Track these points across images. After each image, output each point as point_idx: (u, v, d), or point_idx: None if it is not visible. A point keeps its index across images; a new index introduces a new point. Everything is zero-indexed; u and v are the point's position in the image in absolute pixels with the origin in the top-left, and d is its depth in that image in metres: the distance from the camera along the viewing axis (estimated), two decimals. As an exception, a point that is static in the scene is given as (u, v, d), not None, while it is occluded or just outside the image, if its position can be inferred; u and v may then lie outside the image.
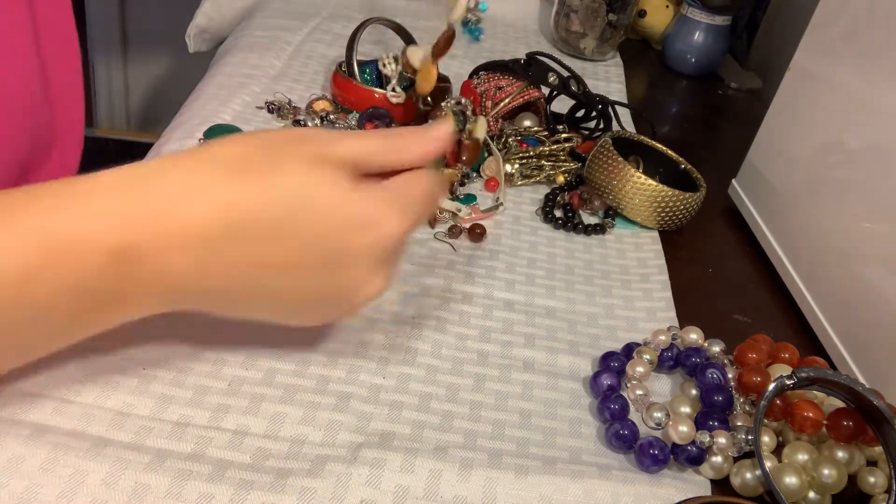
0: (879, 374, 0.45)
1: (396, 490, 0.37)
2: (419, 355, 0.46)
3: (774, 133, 0.61)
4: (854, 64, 0.52)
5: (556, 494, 0.38)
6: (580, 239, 0.60)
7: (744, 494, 0.41)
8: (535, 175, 0.66)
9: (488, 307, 0.51)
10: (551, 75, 0.67)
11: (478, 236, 0.57)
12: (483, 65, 0.71)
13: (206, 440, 0.38)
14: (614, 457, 0.42)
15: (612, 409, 0.43)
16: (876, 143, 0.48)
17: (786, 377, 0.40)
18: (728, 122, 0.87)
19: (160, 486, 0.35)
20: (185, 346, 0.44)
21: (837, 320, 0.50)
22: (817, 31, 0.57)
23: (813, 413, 0.41)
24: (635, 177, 0.60)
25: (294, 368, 0.44)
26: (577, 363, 0.48)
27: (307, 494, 0.36)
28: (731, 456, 0.41)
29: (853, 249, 0.49)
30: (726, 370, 0.45)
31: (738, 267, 0.61)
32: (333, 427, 0.40)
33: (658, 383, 0.48)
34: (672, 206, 0.60)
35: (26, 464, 0.35)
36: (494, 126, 0.67)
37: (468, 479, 0.38)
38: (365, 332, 0.47)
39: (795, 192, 0.57)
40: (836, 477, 0.39)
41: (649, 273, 0.57)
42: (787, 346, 0.46)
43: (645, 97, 0.90)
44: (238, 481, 0.36)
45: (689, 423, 0.41)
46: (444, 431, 0.41)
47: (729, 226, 0.66)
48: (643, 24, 0.98)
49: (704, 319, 0.51)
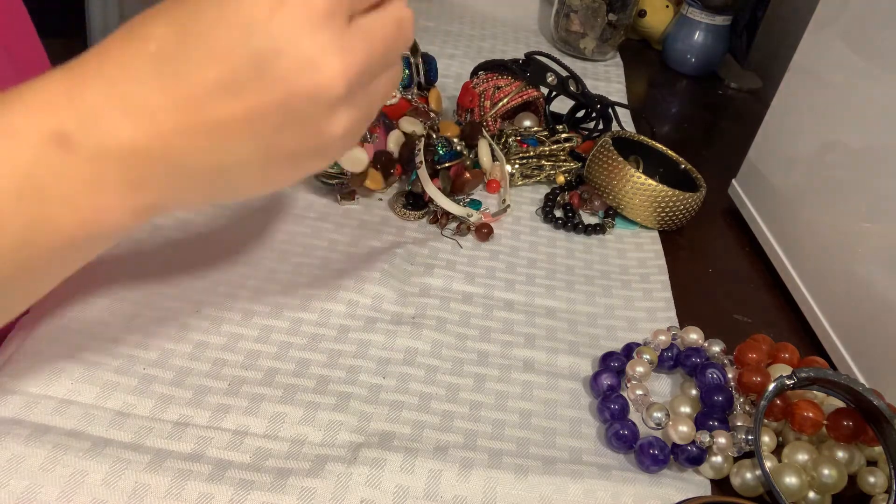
0: (879, 374, 0.45)
1: (396, 490, 0.37)
2: (419, 355, 0.46)
3: (774, 133, 0.61)
4: (854, 64, 0.52)
5: (556, 494, 0.38)
6: (580, 239, 0.60)
7: (744, 494, 0.41)
8: (535, 175, 0.66)
9: (488, 307, 0.51)
10: (550, 75, 0.67)
11: (484, 235, 0.57)
12: (482, 64, 0.71)
13: (206, 440, 0.38)
14: (614, 457, 0.42)
15: (612, 409, 0.43)
16: (876, 143, 0.48)
17: (786, 377, 0.40)
18: (728, 122, 0.87)
19: (160, 486, 0.35)
20: (185, 346, 0.44)
21: (837, 320, 0.50)
22: (817, 31, 0.57)
23: (813, 413, 0.41)
24: (635, 177, 0.60)
25: (294, 368, 0.44)
26: (577, 363, 0.48)
27: (307, 494, 0.36)
28: (731, 456, 0.41)
29: (853, 249, 0.49)
30: (726, 370, 0.45)
31: (738, 267, 0.61)
32: (333, 427, 0.40)
33: (658, 383, 0.48)
34: (672, 206, 0.60)
35: (26, 464, 0.35)
36: (494, 126, 0.67)
37: (468, 479, 0.38)
38: (365, 332, 0.47)
39: (795, 192, 0.57)
40: (836, 477, 0.39)
41: (649, 273, 0.57)
42: (787, 346, 0.46)
43: (645, 97, 0.90)
44: (238, 481, 0.36)
45: (689, 423, 0.41)
46: (444, 431, 0.41)
47: (729, 226, 0.66)
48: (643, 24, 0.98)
49: (704, 319, 0.51)
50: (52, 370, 0.40)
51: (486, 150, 0.63)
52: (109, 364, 0.41)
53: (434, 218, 0.58)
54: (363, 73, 0.32)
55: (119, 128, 0.30)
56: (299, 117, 0.31)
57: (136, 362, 0.42)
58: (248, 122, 0.31)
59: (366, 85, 0.33)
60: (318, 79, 0.30)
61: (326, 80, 0.30)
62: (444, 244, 0.56)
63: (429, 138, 0.61)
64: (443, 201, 0.56)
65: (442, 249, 0.56)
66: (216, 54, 0.30)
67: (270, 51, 0.29)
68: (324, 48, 0.30)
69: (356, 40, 0.31)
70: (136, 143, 0.30)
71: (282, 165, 0.34)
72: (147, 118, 0.30)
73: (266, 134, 0.32)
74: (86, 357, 0.41)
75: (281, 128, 0.31)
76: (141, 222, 0.33)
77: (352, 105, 0.32)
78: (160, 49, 0.30)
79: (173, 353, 0.43)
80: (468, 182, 0.60)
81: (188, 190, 0.33)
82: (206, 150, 0.31)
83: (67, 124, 0.30)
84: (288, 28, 0.29)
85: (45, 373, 0.40)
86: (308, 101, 0.31)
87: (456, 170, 0.61)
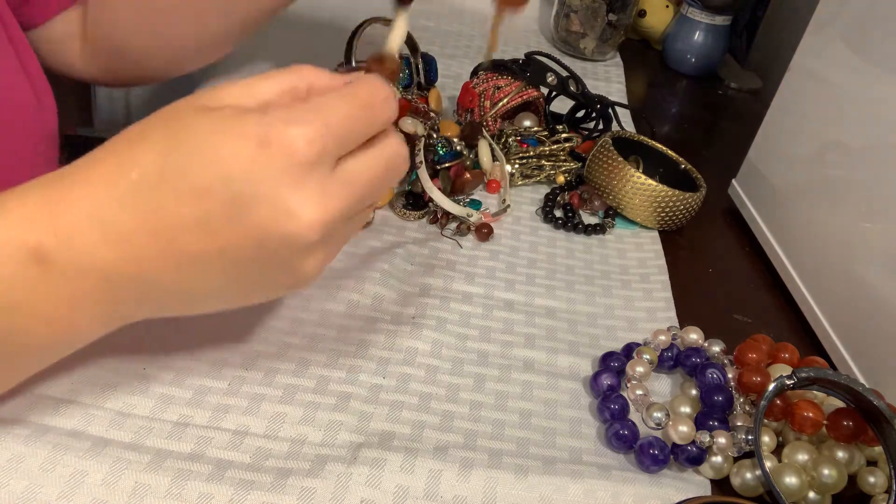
0: (879, 374, 0.45)
1: (396, 490, 0.37)
2: (419, 355, 0.46)
3: (774, 133, 0.61)
4: (854, 64, 0.52)
5: (556, 494, 0.38)
6: (580, 239, 0.60)
7: (744, 494, 0.41)
8: (535, 175, 0.66)
9: (488, 307, 0.51)
10: (550, 75, 0.67)
11: (484, 235, 0.57)
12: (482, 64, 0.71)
13: (206, 440, 0.38)
14: (614, 457, 0.42)
15: (612, 409, 0.43)
16: (876, 143, 0.48)
17: (786, 377, 0.40)
18: (728, 122, 0.87)
19: (160, 486, 0.35)
20: (185, 346, 0.44)
21: (837, 320, 0.50)
22: (817, 31, 0.57)
23: (813, 413, 0.41)
24: (635, 177, 0.60)
25: (294, 368, 0.44)
26: (577, 363, 0.48)
27: (307, 494, 0.36)
28: (731, 456, 0.41)
29: (853, 249, 0.49)
30: (726, 370, 0.45)
31: (738, 267, 0.61)
32: (333, 427, 0.40)
33: (658, 383, 0.48)
34: (672, 206, 0.60)
35: (26, 464, 0.35)
36: (494, 126, 0.67)
37: (468, 479, 0.38)
38: (365, 332, 0.47)
39: (795, 192, 0.57)
40: (836, 477, 0.39)
41: (649, 273, 0.57)
42: (787, 346, 0.46)
43: (645, 97, 0.90)
44: (238, 481, 0.36)
45: (689, 423, 0.41)
46: (444, 431, 0.41)
47: (729, 226, 0.66)
48: (643, 24, 0.98)
49: (704, 319, 0.51)
50: (52, 370, 0.40)
51: (486, 150, 0.63)
52: (109, 364, 0.41)
53: (434, 218, 0.58)
54: (340, 220, 0.31)
55: (96, 249, 0.30)
56: (272, 258, 0.31)
57: (136, 362, 0.42)
58: (221, 258, 0.31)
59: (341, 228, 0.33)
60: (293, 227, 0.30)
61: (303, 230, 0.30)
62: (444, 244, 0.56)
63: (429, 138, 0.61)
64: (443, 201, 0.56)
65: (442, 249, 0.56)
66: (195, 191, 0.30)
67: (249, 196, 0.29)
68: (303, 199, 0.30)
69: (338, 187, 0.31)
70: (112, 265, 0.31)
71: (252, 294, 0.35)
72: (124, 243, 0.30)
73: (238, 269, 0.32)
74: (86, 357, 0.41)
75: (253, 264, 0.32)
76: (113, 328, 0.34)
77: (326, 246, 0.33)
78: (142, 178, 0.30)
79: (173, 352, 0.43)
80: (468, 182, 0.60)
81: (160, 307, 0.34)
82: (178, 278, 0.32)
83: (47, 242, 0.30)
84: (268, 175, 0.29)
85: (45, 373, 0.40)
86: (282, 245, 0.31)
87: (456, 170, 0.61)
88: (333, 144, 0.31)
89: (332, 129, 0.30)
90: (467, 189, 0.61)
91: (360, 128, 0.32)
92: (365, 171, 0.32)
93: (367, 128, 0.32)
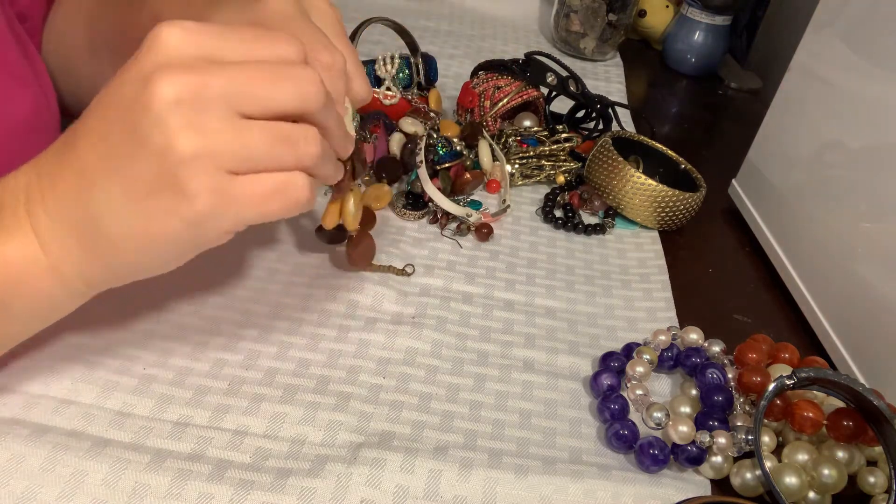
0: (879, 374, 0.45)
1: (396, 490, 0.37)
2: (419, 355, 0.46)
3: (774, 133, 0.61)
4: (854, 64, 0.52)
5: (556, 494, 0.38)
6: (580, 239, 0.60)
7: (744, 494, 0.41)
8: (535, 175, 0.66)
9: (488, 307, 0.51)
10: (550, 75, 0.67)
11: (484, 235, 0.57)
12: (482, 64, 0.71)
13: (206, 440, 0.38)
14: (614, 457, 0.42)
15: (612, 409, 0.43)
16: (876, 143, 0.48)
17: (786, 377, 0.40)
18: (728, 122, 0.87)
19: (160, 486, 0.35)
20: (185, 346, 0.44)
21: (837, 320, 0.50)
22: (817, 31, 0.57)
23: (813, 413, 0.41)
24: (635, 177, 0.60)
25: (294, 368, 0.44)
26: (577, 363, 0.48)
27: (307, 494, 0.36)
28: (731, 456, 0.41)
29: (853, 249, 0.49)
30: (726, 370, 0.45)
31: (738, 267, 0.61)
32: (333, 427, 0.40)
33: (658, 383, 0.48)
34: (672, 206, 0.60)
35: (26, 464, 0.35)
36: (494, 126, 0.67)
37: (468, 479, 0.38)
38: (365, 332, 0.47)
39: (795, 192, 0.57)
40: (836, 477, 0.39)
41: (649, 273, 0.57)
42: (787, 346, 0.46)
43: (645, 97, 0.90)
44: (238, 481, 0.36)
45: (689, 423, 0.41)
46: (444, 431, 0.41)
47: (729, 226, 0.66)
48: (643, 24, 0.98)
49: (704, 319, 0.51)
50: (52, 370, 0.40)
51: (486, 150, 0.63)
52: (109, 364, 0.41)
53: (434, 218, 0.58)
54: (199, 83, 0.30)
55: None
56: (136, 131, 0.30)
57: (136, 362, 0.42)
58: (104, 142, 0.32)
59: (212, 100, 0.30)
60: (148, 90, 0.29)
61: (156, 86, 0.29)
62: (444, 244, 0.56)
63: (429, 138, 0.61)
64: (443, 201, 0.56)
65: (442, 249, 0.56)
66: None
67: (119, 82, 0.31)
68: (162, 72, 0.30)
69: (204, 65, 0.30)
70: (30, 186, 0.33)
71: (149, 208, 0.31)
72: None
73: (118, 164, 0.31)
74: (86, 357, 0.41)
75: (124, 147, 0.31)
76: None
77: (197, 115, 0.30)
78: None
79: (173, 352, 0.43)
80: (468, 182, 0.60)
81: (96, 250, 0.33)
82: (79, 185, 0.32)
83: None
84: (142, 69, 0.30)
85: (45, 373, 0.40)
86: (142, 111, 0.30)
87: (456, 170, 0.61)
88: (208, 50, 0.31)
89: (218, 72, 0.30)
90: (467, 189, 0.61)
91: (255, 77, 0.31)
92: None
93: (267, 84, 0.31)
